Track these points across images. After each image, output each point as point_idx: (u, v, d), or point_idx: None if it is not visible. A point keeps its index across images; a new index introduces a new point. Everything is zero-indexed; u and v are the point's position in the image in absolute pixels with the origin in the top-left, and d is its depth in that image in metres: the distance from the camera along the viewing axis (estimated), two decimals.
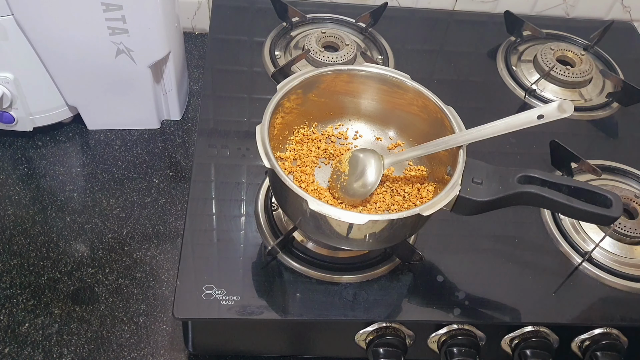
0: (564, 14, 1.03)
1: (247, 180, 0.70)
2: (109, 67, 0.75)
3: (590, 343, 0.63)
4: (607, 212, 0.53)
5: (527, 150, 0.78)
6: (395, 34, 0.91)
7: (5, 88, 0.74)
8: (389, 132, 0.67)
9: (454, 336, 0.61)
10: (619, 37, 0.97)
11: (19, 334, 0.65)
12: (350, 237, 0.54)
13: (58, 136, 0.83)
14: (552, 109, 0.51)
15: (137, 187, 0.79)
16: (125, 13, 0.69)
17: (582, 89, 0.87)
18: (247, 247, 0.64)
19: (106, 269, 0.71)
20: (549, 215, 0.71)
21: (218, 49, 0.85)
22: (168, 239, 0.74)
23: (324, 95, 0.64)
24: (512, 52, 0.92)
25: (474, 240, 0.68)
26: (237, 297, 0.59)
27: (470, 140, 0.55)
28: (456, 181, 0.54)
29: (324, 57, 0.82)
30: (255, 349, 0.67)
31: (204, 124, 0.75)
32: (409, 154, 0.60)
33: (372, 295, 0.61)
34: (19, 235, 0.73)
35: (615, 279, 0.66)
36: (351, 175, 0.60)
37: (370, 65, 0.63)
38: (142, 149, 0.84)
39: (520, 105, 0.85)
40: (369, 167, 0.60)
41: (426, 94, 0.60)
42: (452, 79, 0.87)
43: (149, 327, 0.67)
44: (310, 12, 0.90)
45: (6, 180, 0.78)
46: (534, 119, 0.52)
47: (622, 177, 0.76)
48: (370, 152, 0.61)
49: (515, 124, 0.53)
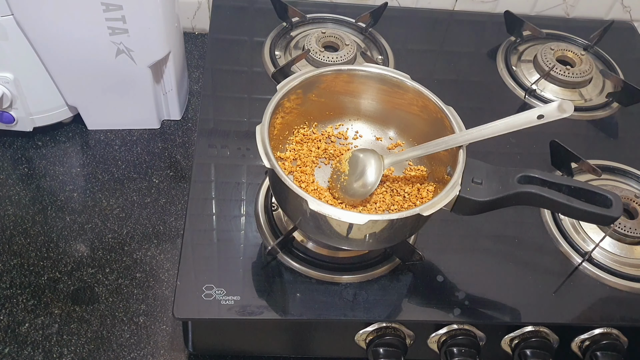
0: (564, 14, 1.03)
1: (247, 180, 0.70)
2: (109, 67, 0.75)
3: (590, 343, 0.63)
4: (607, 212, 0.53)
5: (527, 150, 0.78)
6: (395, 34, 0.91)
7: (5, 88, 0.74)
8: (389, 132, 0.67)
9: (454, 336, 0.61)
10: (619, 37, 0.97)
11: (19, 334, 0.65)
12: (350, 237, 0.54)
13: (58, 136, 0.83)
14: (552, 109, 0.51)
15: (137, 187, 0.79)
16: (125, 13, 0.69)
17: (582, 89, 0.87)
18: (247, 247, 0.64)
19: (106, 269, 0.71)
20: (549, 215, 0.71)
21: (218, 49, 0.85)
22: (168, 239, 0.75)
23: (324, 95, 0.64)
24: (512, 52, 0.92)
25: (474, 240, 0.68)
26: (237, 297, 0.59)
27: (470, 140, 0.55)
28: (456, 181, 0.54)
29: (324, 57, 0.82)
30: (255, 349, 0.67)
31: (204, 124, 0.75)
32: (409, 154, 0.60)
33: (372, 295, 0.61)
34: (19, 235, 0.73)
35: (615, 279, 0.66)
36: (351, 175, 0.60)
37: (370, 65, 0.63)
38: (142, 149, 0.84)
39: (520, 105, 0.85)
40: (369, 167, 0.60)
41: (426, 94, 0.60)
42: (452, 79, 0.87)
43: (149, 327, 0.67)
44: (310, 12, 0.90)
45: (6, 180, 0.78)
46: (534, 119, 0.52)
47: (622, 177, 0.76)
48: (370, 152, 0.61)
49: (515, 124, 0.53)
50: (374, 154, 0.61)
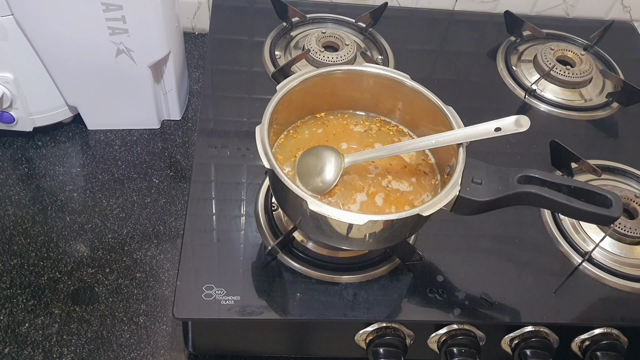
0: (564, 14, 1.03)
1: (247, 180, 0.70)
2: (109, 67, 0.75)
3: (590, 343, 0.63)
4: (607, 212, 0.53)
5: (527, 150, 0.78)
6: (395, 34, 0.91)
7: (5, 88, 0.74)
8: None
9: (454, 336, 0.61)
10: (619, 37, 0.97)
11: (19, 334, 0.65)
12: (350, 237, 0.54)
13: (58, 136, 0.83)
14: (509, 123, 0.54)
15: (137, 187, 0.79)
16: (125, 13, 0.69)
17: (582, 89, 0.87)
18: (247, 247, 0.64)
19: (106, 269, 0.71)
20: (549, 215, 0.71)
21: (218, 49, 0.85)
22: (168, 239, 0.75)
23: (324, 96, 0.64)
24: (512, 52, 0.92)
25: (474, 240, 0.68)
26: (237, 297, 0.59)
27: (429, 147, 0.58)
28: (456, 181, 0.54)
29: (324, 57, 0.82)
30: (255, 349, 0.67)
31: (204, 124, 0.75)
32: (370, 154, 0.60)
33: (372, 295, 0.61)
34: (19, 235, 0.73)
35: (615, 279, 0.66)
36: (313, 170, 0.60)
37: (370, 65, 0.63)
38: (142, 149, 0.84)
39: (520, 105, 0.85)
40: (329, 165, 0.59)
41: (426, 94, 0.60)
42: (452, 79, 0.87)
43: (149, 327, 0.67)
44: (310, 12, 0.90)
45: (6, 180, 0.78)
46: (492, 131, 0.54)
47: (622, 177, 0.76)
48: (331, 150, 0.61)
49: (474, 134, 0.55)
50: (334, 151, 0.60)
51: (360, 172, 0.61)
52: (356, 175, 0.61)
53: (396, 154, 0.59)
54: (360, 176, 0.61)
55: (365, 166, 0.62)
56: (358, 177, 0.61)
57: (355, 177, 0.61)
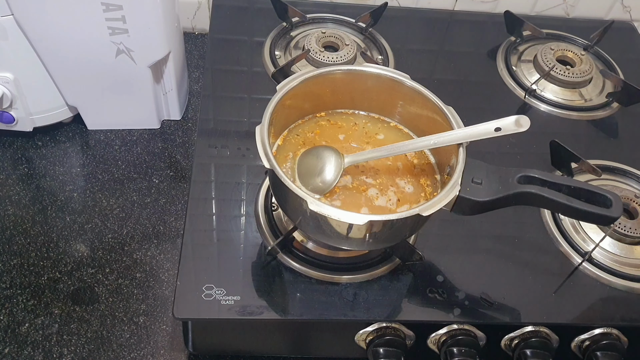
0: (564, 14, 1.03)
1: (247, 180, 0.70)
2: (109, 67, 0.75)
3: (590, 343, 0.63)
4: (607, 212, 0.53)
5: (527, 150, 0.78)
6: (395, 34, 0.91)
7: (5, 88, 0.74)
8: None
9: (454, 336, 0.61)
10: (619, 37, 0.97)
11: (19, 334, 0.65)
12: (350, 237, 0.54)
13: (58, 136, 0.84)
14: (509, 123, 0.54)
15: (137, 187, 0.79)
16: (125, 13, 0.69)
17: (582, 89, 0.87)
18: (247, 247, 0.64)
19: (106, 269, 0.71)
20: (549, 215, 0.71)
21: (218, 49, 0.85)
22: (168, 239, 0.75)
23: (324, 95, 0.64)
24: (512, 52, 0.92)
25: (474, 240, 0.68)
26: (237, 297, 0.59)
27: (429, 147, 0.58)
28: (456, 181, 0.54)
29: (324, 57, 0.82)
30: (255, 349, 0.67)
31: (204, 124, 0.75)
32: (370, 154, 0.60)
33: (372, 295, 0.61)
34: (19, 235, 0.73)
35: (615, 279, 0.66)
36: (313, 170, 0.60)
37: (370, 65, 0.63)
38: (142, 149, 0.84)
39: (520, 105, 0.85)
40: (329, 165, 0.59)
41: (426, 94, 0.60)
42: (452, 79, 0.87)
43: (149, 327, 0.67)
44: (310, 12, 0.90)
45: (6, 180, 0.78)
46: (492, 131, 0.54)
47: (622, 177, 0.76)
48: (331, 150, 0.61)
49: (474, 134, 0.55)
50: (334, 151, 0.60)
51: (360, 172, 0.61)
52: (356, 176, 0.61)
53: (396, 154, 0.59)
54: (360, 176, 0.61)
55: (365, 166, 0.62)
56: (358, 177, 0.61)
57: (355, 177, 0.61)
